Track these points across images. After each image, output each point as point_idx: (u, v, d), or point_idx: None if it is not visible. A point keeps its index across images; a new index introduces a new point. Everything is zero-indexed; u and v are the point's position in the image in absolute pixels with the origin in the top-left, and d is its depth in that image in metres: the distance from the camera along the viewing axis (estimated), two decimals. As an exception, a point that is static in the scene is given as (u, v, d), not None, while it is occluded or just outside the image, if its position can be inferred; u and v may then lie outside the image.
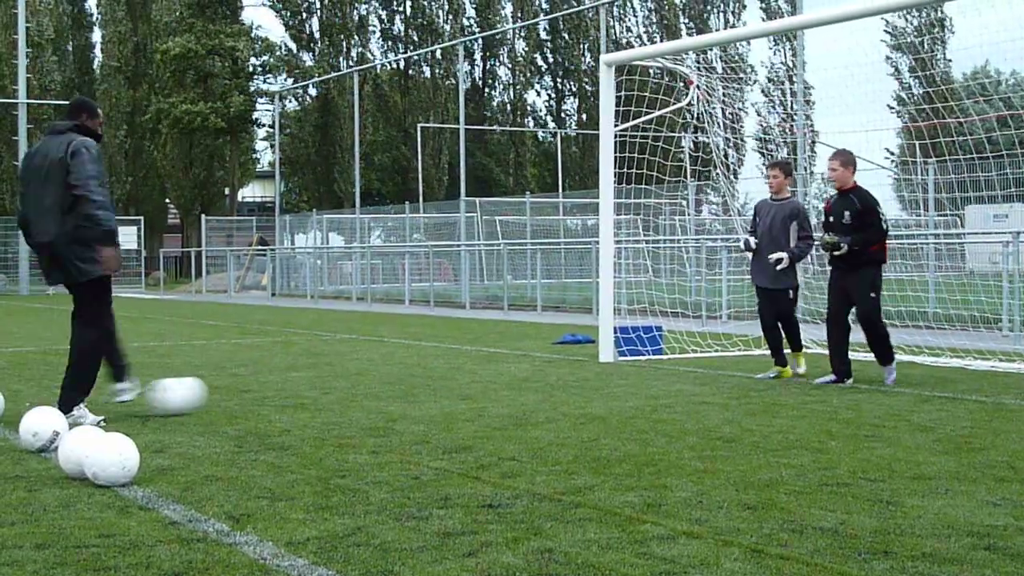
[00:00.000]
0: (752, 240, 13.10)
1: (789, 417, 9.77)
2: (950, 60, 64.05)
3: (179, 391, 10.30)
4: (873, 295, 12.01)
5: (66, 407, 9.54)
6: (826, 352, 12.63)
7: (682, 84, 16.98)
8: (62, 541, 5.71)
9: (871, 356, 12.43)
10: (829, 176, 12.37)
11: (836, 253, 12.01)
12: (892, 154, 47.10)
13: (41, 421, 8.33)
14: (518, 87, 78.02)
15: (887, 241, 12.26)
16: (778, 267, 12.66)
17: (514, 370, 14.03)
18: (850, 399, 10.94)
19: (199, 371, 14.12)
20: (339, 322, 25.13)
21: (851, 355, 12.33)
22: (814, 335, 15.06)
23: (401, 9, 74.34)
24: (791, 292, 13.02)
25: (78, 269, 9.61)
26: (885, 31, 63.48)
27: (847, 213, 12.01)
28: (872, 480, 7.01)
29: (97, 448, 7.09)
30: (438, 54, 71.18)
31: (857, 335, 12.32)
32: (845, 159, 12.23)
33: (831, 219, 12.18)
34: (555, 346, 17.62)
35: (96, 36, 78.22)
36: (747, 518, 6.05)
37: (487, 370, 14.05)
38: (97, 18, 77.12)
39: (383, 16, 74.49)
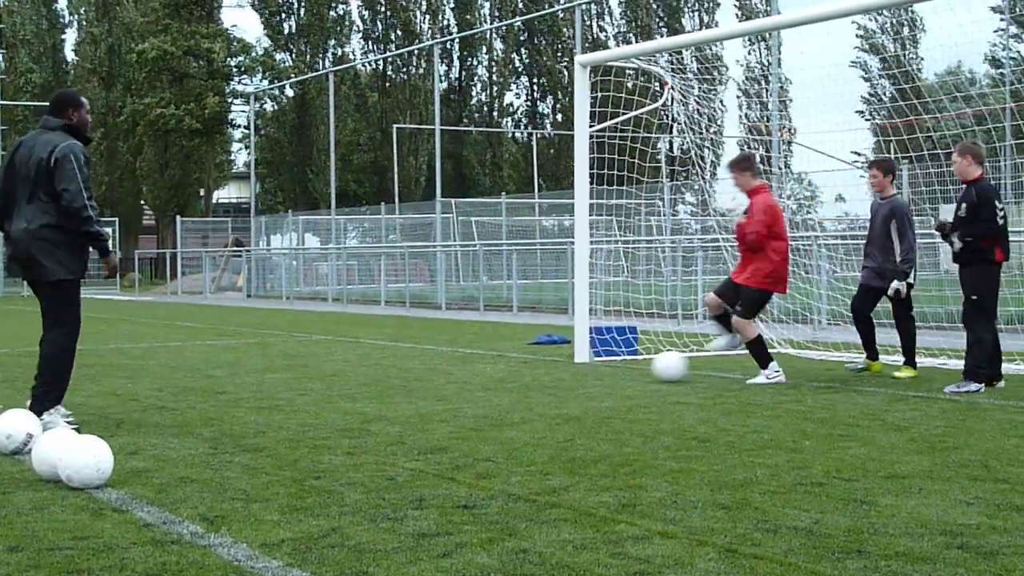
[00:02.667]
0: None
1: (764, 417, 9.79)
2: (922, 59, 64.32)
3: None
4: (975, 297, 11.58)
5: (38, 411, 9.40)
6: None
7: (657, 85, 17.02)
8: (35, 543, 5.69)
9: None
10: (955, 169, 11.99)
11: (953, 249, 11.73)
12: (860, 155, 47.24)
13: (15, 423, 8.29)
14: (496, 87, 78.08)
15: (1007, 241, 11.82)
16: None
17: (490, 371, 14.03)
18: (825, 399, 10.98)
19: (175, 373, 14.10)
20: (315, 323, 25.09)
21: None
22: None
23: (380, 10, 74.24)
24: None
25: (43, 268, 9.44)
26: (857, 35, 63.85)
27: (964, 205, 11.68)
28: (846, 479, 7.03)
29: (71, 450, 7.06)
30: (416, 55, 71.08)
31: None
32: (963, 149, 11.83)
33: (956, 210, 11.88)
34: (531, 347, 17.62)
35: (68, 36, 78.03)
36: (721, 518, 6.07)
37: (463, 371, 14.05)
38: (70, 19, 76.88)
39: (365, 16, 74.40)
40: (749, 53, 74.62)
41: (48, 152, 9.35)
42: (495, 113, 78.92)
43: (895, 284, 12.59)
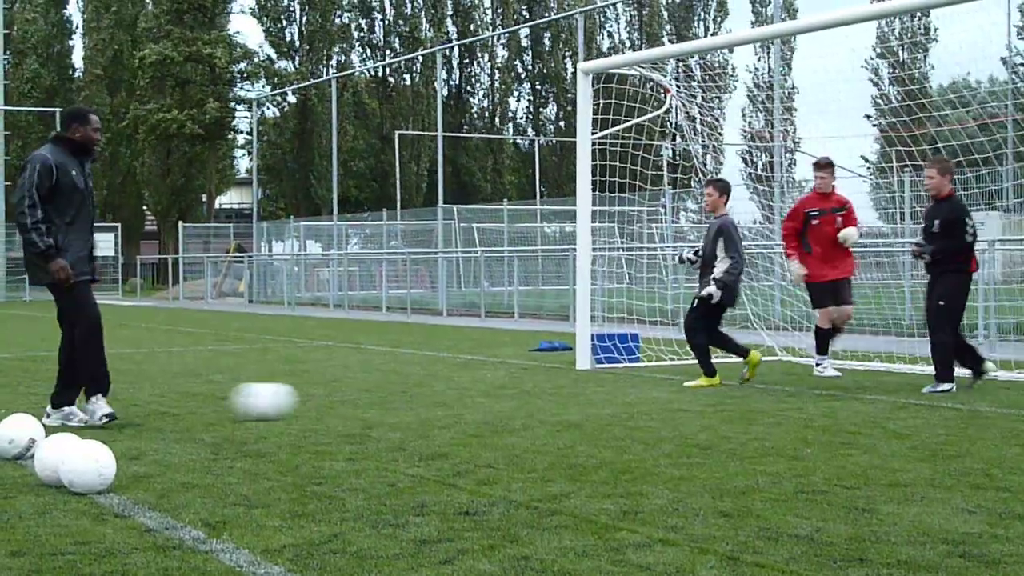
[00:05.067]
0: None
1: (765, 424, 9.79)
2: (931, 67, 64.24)
3: (265, 396, 10.30)
4: (941, 303, 12.01)
5: (56, 403, 9.92)
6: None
7: (661, 92, 17.03)
8: (37, 548, 5.69)
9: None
10: (926, 184, 12.46)
11: (924, 260, 12.29)
12: (867, 161, 47.22)
13: (17, 428, 8.29)
14: (498, 93, 78.10)
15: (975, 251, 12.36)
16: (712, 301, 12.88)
17: (491, 377, 14.03)
18: (826, 406, 10.97)
19: (177, 378, 14.11)
20: (316, 329, 25.09)
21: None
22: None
23: (383, 17, 74.30)
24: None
25: (34, 273, 9.94)
26: (877, 35, 63.87)
27: (937, 221, 12.13)
28: (848, 487, 7.03)
29: (73, 455, 7.07)
30: (419, 61, 71.09)
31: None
32: (942, 167, 12.29)
33: (925, 226, 12.38)
34: (532, 353, 17.62)
35: (74, 42, 77.95)
36: (723, 525, 6.07)
37: (464, 377, 14.04)
38: (78, 25, 76.88)
39: (363, 25, 74.40)
40: (759, 60, 74.68)
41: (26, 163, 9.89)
42: (497, 119, 78.93)
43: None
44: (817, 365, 13.96)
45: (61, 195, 9.75)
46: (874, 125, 52.85)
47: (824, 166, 13.87)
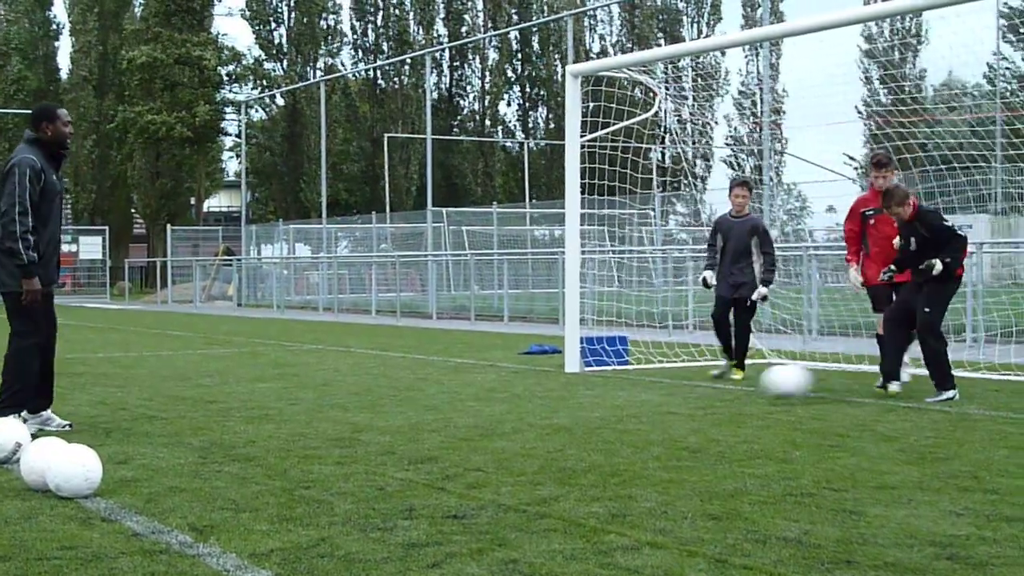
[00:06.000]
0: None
1: (754, 427, 9.79)
2: (924, 69, 64.27)
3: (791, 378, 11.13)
4: (928, 310, 11.66)
5: (32, 408, 9.78)
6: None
7: (650, 95, 17.05)
8: (23, 553, 5.67)
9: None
10: (900, 216, 11.93)
11: (934, 273, 11.59)
12: (853, 159, 47.22)
13: (3, 432, 8.26)
14: (489, 97, 78.09)
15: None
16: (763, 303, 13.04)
17: (480, 381, 14.02)
18: (815, 409, 10.98)
19: (165, 382, 14.07)
20: (306, 332, 25.07)
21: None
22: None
23: (373, 20, 74.24)
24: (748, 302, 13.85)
25: (1, 278, 9.64)
26: (862, 35, 63.94)
27: (912, 239, 11.76)
28: (836, 490, 7.03)
29: (60, 459, 7.04)
30: (408, 64, 71.03)
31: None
32: (900, 198, 11.73)
33: (904, 247, 11.92)
34: (521, 357, 17.61)
35: (60, 44, 77.85)
36: (711, 528, 6.07)
37: (453, 381, 14.04)
38: (64, 26, 76.74)
39: (356, 26, 74.36)
40: (748, 63, 74.80)
41: (5, 166, 9.57)
42: (487, 122, 78.92)
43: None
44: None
45: (44, 200, 9.58)
46: (864, 124, 52.94)
47: (883, 164, 12.92)
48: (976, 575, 5.17)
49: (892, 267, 11.97)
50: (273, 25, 71.91)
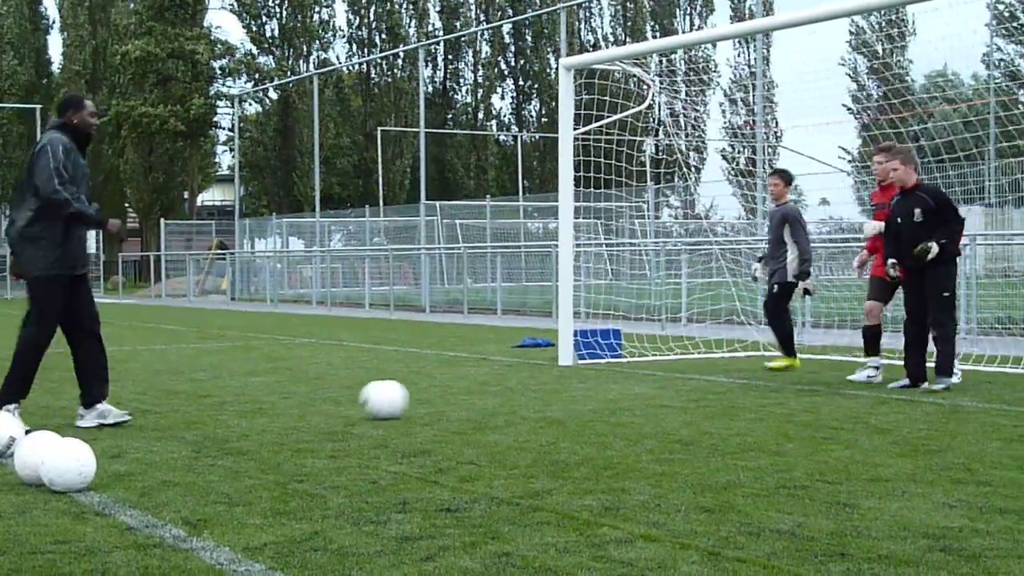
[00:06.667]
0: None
1: (747, 420, 9.80)
2: (911, 61, 64.25)
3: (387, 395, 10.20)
4: (945, 294, 11.61)
5: (87, 403, 9.78)
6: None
7: (644, 87, 17.04)
8: (17, 548, 5.67)
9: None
10: (889, 175, 11.97)
11: (929, 258, 11.47)
12: (848, 152, 47.20)
13: (-4, 427, 8.26)
14: (482, 90, 78.03)
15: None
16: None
17: (473, 374, 14.03)
18: (808, 402, 10.99)
19: (159, 376, 14.07)
20: (299, 326, 25.06)
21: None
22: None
23: (365, 13, 74.09)
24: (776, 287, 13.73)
25: (22, 263, 9.76)
26: (849, 31, 63.92)
27: (918, 210, 11.55)
28: (829, 482, 7.04)
29: (54, 454, 7.04)
30: (401, 57, 70.94)
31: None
32: (905, 156, 11.76)
33: (899, 221, 11.72)
34: (515, 350, 17.62)
35: (52, 39, 77.73)
36: (704, 521, 6.07)
37: (446, 374, 14.04)
38: (55, 21, 76.59)
39: (351, 19, 74.17)
40: (739, 55, 74.72)
41: (33, 150, 9.67)
42: (480, 116, 78.87)
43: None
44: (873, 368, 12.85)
45: (72, 181, 9.64)
46: (856, 116, 52.89)
47: (884, 150, 12.75)
48: (969, 567, 5.17)
49: (894, 260, 11.82)
50: (264, 19, 71.77)
